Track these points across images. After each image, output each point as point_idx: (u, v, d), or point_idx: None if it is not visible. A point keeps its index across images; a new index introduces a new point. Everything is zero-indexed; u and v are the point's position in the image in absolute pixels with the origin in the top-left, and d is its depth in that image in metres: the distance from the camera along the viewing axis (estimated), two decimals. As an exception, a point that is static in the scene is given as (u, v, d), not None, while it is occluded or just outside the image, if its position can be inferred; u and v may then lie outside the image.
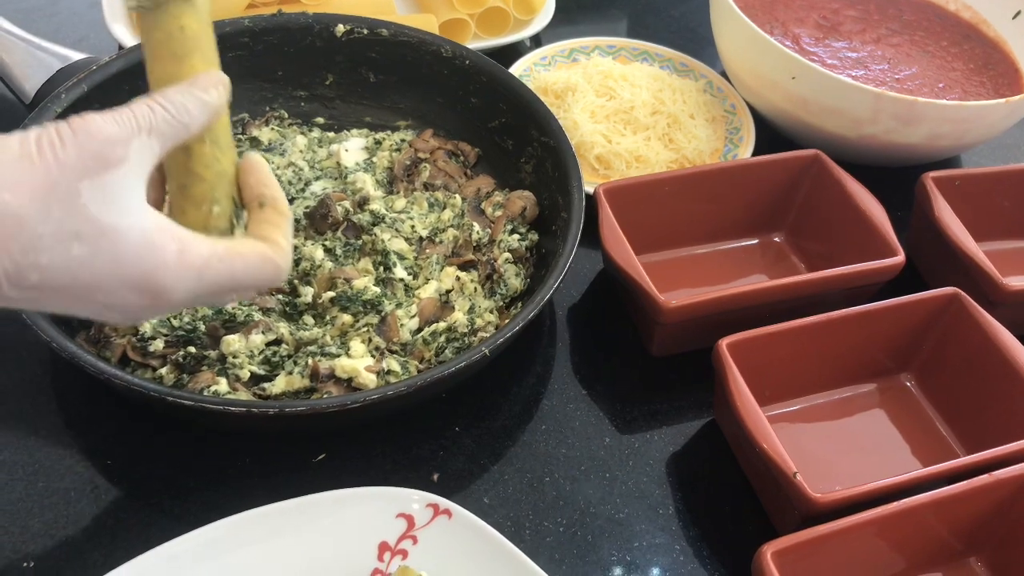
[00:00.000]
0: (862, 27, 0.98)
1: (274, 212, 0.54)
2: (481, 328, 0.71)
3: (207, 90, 0.51)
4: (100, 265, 0.45)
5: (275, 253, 0.52)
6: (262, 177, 0.55)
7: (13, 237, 0.43)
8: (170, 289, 0.47)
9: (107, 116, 0.46)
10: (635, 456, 0.69)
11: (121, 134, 0.46)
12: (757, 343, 0.67)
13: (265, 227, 0.53)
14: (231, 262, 0.50)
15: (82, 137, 0.44)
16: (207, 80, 0.51)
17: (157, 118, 0.48)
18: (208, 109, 0.51)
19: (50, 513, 0.62)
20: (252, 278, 0.51)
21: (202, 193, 0.53)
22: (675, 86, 0.94)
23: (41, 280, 0.44)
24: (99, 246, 0.45)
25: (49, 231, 0.43)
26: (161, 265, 0.47)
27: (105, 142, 0.45)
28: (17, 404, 0.67)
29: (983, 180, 0.83)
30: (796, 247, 0.84)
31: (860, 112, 0.83)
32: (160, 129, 0.48)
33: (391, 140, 0.85)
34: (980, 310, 0.70)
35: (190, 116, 0.50)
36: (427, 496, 0.59)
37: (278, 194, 0.55)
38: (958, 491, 0.60)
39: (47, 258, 0.44)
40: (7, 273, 0.43)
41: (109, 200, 0.45)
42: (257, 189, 0.54)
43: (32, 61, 0.82)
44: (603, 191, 0.76)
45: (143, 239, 0.46)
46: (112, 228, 0.45)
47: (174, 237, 0.48)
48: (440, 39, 0.85)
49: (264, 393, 0.65)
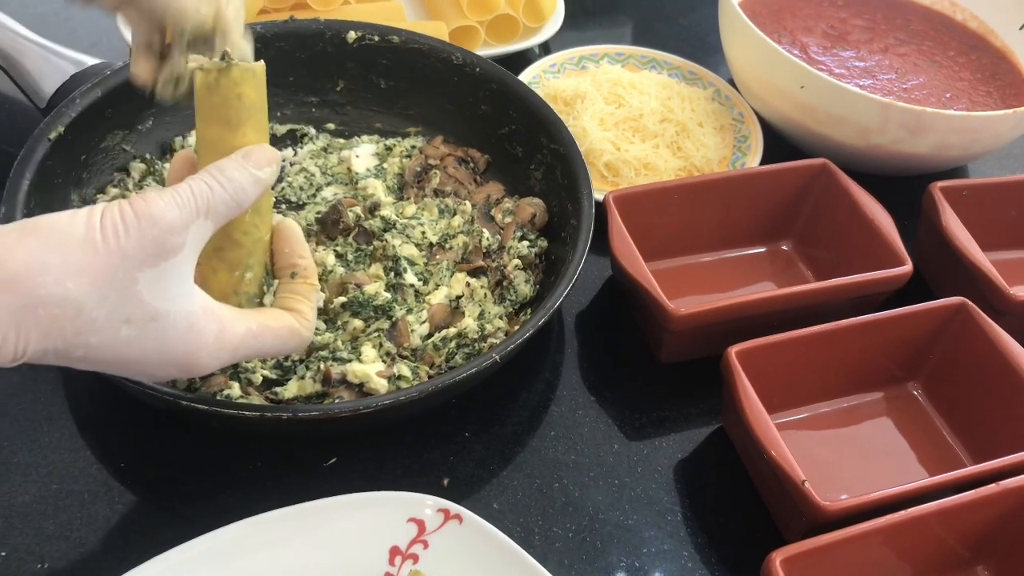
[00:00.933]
0: (870, 36, 0.99)
1: (304, 284, 0.57)
2: (491, 334, 0.71)
3: (262, 168, 0.52)
4: (145, 346, 0.47)
5: (302, 325, 0.55)
6: (296, 247, 0.57)
7: (69, 322, 0.44)
8: (206, 367, 0.51)
9: (168, 198, 0.47)
10: (644, 463, 0.70)
11: (181, 220, 0.47)
12: (765, 351, 0.67)
13: (295, 299, 0.56)
14: (262, 338, 0.53)
15: (145, 224, 0.46)
16: (262, 157, 0.52)
17: (215, 199, 0.49)
18: (261, 187, 0.52)
19: (64, 515, 0.62)
20: (278, 349, 0.55)
21: (237, 258, 0.54)
22: (684, 94, 0.95)
23: (85, 355, 0.46)
24: (146, 330, 0.47)
25: (103, 316, 0.45)
26: (203, 347, 0.49)
27: (167, 230, 0.46)
28: (31, 407, 0.68)
29: (990, 190, 0.84)
30: (804, 255, 0.84)
31: (868, 121, 0.84)
32: (217, 210, 0.49)
33: (402, 146, 0.85)
34: (987, 320, 0.71)
35: (245, 195, 0.51)
36: (438, 501, 0.59)
37: (309, 264, 0.57)
38: (965, 500, 0.60)
39: (96, 340, 0.46)
40: (56, 351, 0.45)
41: (163, 287, 0.47)
42: (291, 259, 0.57)
43: (46, 66, 0.83)
44: (612, 198, 0.77)
45: (188, 323, 0.48)
46: (161, 313, 0.47)
47: (215, 318, 0.50)
48: (450, 46, 0.86)
49: (276, 397, 0.65)
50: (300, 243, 0.57)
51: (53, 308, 0.44)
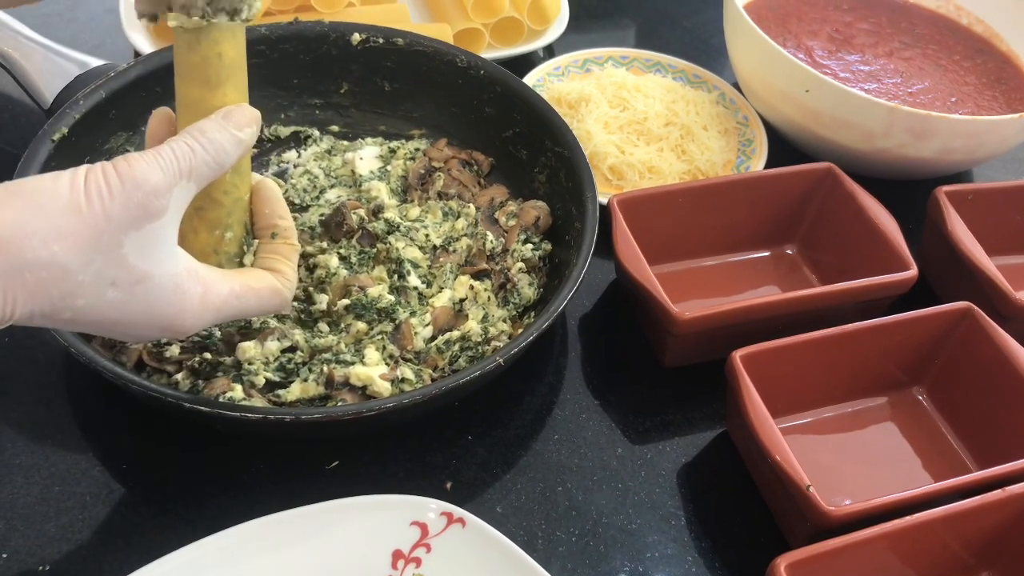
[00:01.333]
0: (875, 40, 0.99)
1: (284, 244, 0.57)
2: (495, 337, 0.71)
3: (242, 128, 0.52)
4: (131, 307, 0.48)
5: (283, 285, 0.56)
6: (276, 208, 0.57)
7: (55, 284, 0.45)
8: (191, 327, 0.51)
9: (151, 160, 0.47)
10: (647, 467, 0.69)
11: (165, 182, 0.47)
12: (770, 355, 0.67)
13: (275, 259, 0.57)
14: (245, 298, 0.54)
15: (129, 187, 0.46)
16: (242, 117, 0.52)
17: (197, 161, 0.49)
18: (242, 148, 0.52)
19: (65, 517, 0.62)
20: (260, 309, 0.55)
21: (217, 218, 0.54)
22: (688, 97, 0.95)
23: (73, 317, 0.47)
24: (133, 292, 0.47)
25: (89, 278, 0.46)
26: (187, 309, 0.50)
27: (150, 192, 0.47)
28: (33, 409, 0.68)
29: (995, 194, 0.84)
30: (808, 260, 0.84)
31: (873, 126, 0.83)
32: (199, 171, 0.50)
33: (405, 149, 0.85)
34: (992, 324, 0.70)
35: (226, 155, 0.51)
36: (441, 504, 0.59)
37: (289, 225, 0.58)
38: (970, 506, 0.60)
39: (83, 302, 0.46)
40: (43, 313, 0.45)
41: (147, 249, 0.47)
42: (271, 219, 0.57)
43: (50, 67, 0.83)
44: (616, 202, 0.76)
45: (173, 285, 0.49)
46: (147, 275, 0.48)
47: (200, 280, 0.51)
48: (455, 49, 0.86)
49: (279, 400, 0.65)
50: (280, 204, 0.58)
51: (40, 271, 0.44)
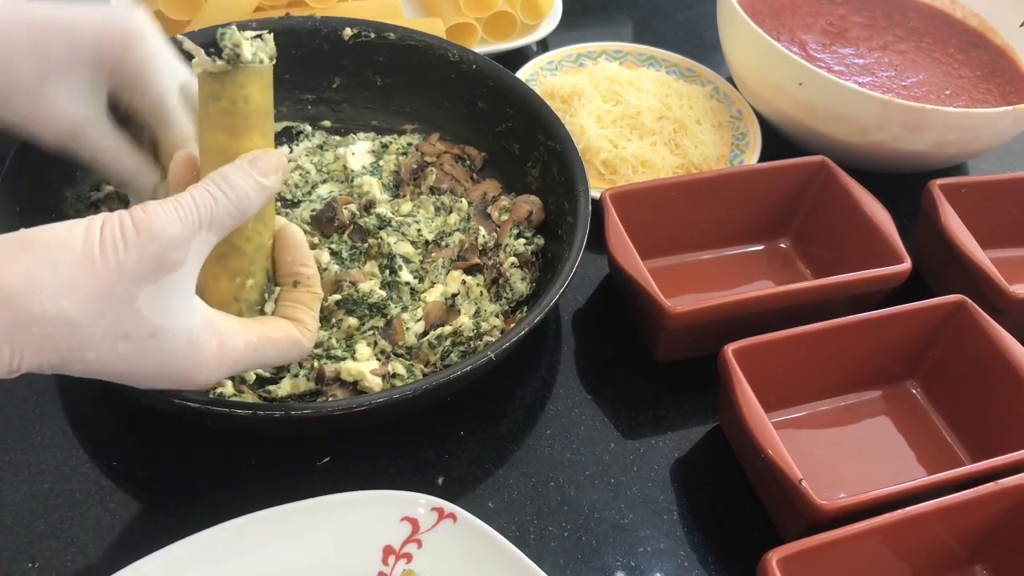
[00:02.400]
0: (869, 34, 0.98)
1: (307, 292, 0.55)
2: (487, 332, 0.71)
3: (267, 175, 0.50)
4: (144, 362, 0.47)
5: (304, 335, 0.54)
6: (299, 256, 0.55)
7: (64, 339, 0.44)
8: (205, 382, 0.50)
9: (170, 211, 0.45)
10: (640, 461, 0.69)
11: (183, 233, 0.45)
12: (763, 349, 0.67)
13: (297, 308, 0.55)
14: (263, 350, 0.52)
15: (145, 238, 0.44)
16: (268, 163, 0.50)
17: (219, 210, 0.47)
18: (266, 195, 0.50)
19: (55, 514, 0.62)
20: (279, 360, 0.54)
21: (239, 266, 0.53)
22: (682, 91, 0.94)
23: (82, 370, 0.46)
24: (145, 346, 0.46)
25: (99, 333, 0.44)
26: (202, 363, 0.48)
27: (167, 245, 0.45)
28: (23, 405, 0.68)
29: (990, 188, 0.83)
30: (802, 253, 0.84)
31: (867, 119, 0.83)
32: (220, 221, 0.48)
33: (398, 144, 0.85)
34: (986, 317, 0.70)
35: (250, 203, 0.49)
36: (432, 500, 0.59)
37: (312, 273, 0.55)
38: (964, 499, 0.60)
39: (93, 355, 0.45)
40: (52, 365, 0.45)
41: (163, 302, 0.46)
42: (293, 267, 0.55)
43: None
44: (609, 196, 0.76)
45: (188, 338, 0.47)
46: (160, 329, 0.46)
47: (216, 332, 0.49)
48: (447, 43, 0.85)
49: (269, 395, 0.65)
50: (304, 251, 0.56)
51: (47, 326, 0.43)
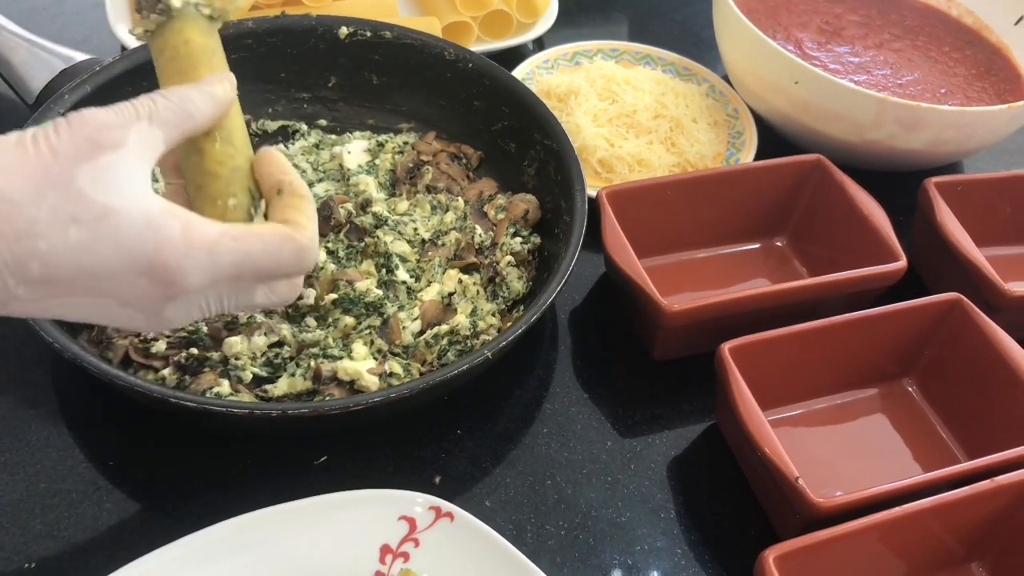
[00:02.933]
0: (864, 32, 0.99)
1: (293, 196, 0.52)
2: (483, 331, 0.71)
3: (212, 84, 0.50)
4: (101, 248, 0.44)
5: (297, 232, 0.50)
6: (278, 165, 0.53)
7: (6, 220, 0.42)
8: (179, 269, 0.45)
9: (104, 108, 0.46)
10: (637, 460, 0.69)
11: (118, 120, 0.45)
12: (759, 347, 0.67)
13: (286, 211, 0.51)
14: (246, 241, 0.48)
15: (76, 125, 0.44)
16: (212, 77, 0.51)
17: (158, 106, 0.47)
18: (214, 100, 0.50)
19: (52, 514, 0.62)
20: (273, 258, 0.49)
21: (217, 190, 0.52)
22: (678, 90, 0.94)
23: (43, 270, 0.43)
24: (98, 228, 0.44)
25: (44, 215, 0.43)
26: (166, 242, 0.45)
27: (100, 127, 0.45)
28: (19, 405, 0.67)
29: (985, 185, 0.84)
30: (798, 251, 0.84)
31: (863, 117, 0.83)
32: (163, 116, 0.47)
33: (394, 143, 0.85)
34: (982, 315, 0.70)
35: (194, 105, 0.49)
36: (429, 499, 0.59)
37: (296, 179, 0.53)
38: (960, 496, 0.60)
39: (45, 244, 0.43)
40: (7, 265, 0.43)
41: (107, 182, 0.44)
42: (274, 177, 0.53)
43: (35, 62, 0.82)
44: (605, 195, 0.76)
45: (144, 218, 0.45)
46: (111, 209, 0.44)
47: (178, 216, 0.46)
48: (443, 42, 0.85)
49: (266, 395, 0.65)
50: (281, 162, 0.54)
51: None
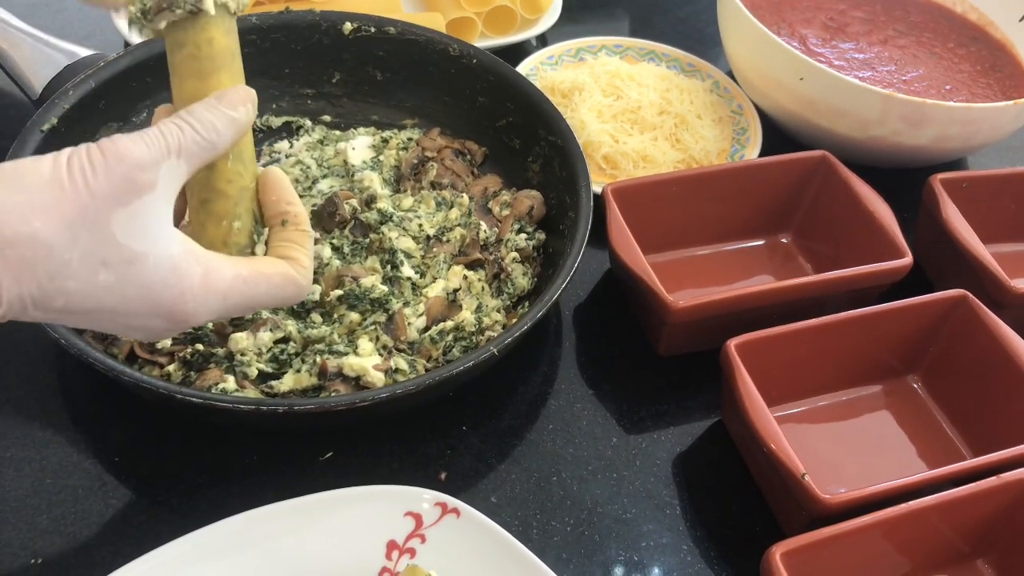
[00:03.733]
0: (869, 28, 0.98)
1: (296, 231, 0.54)
2: (488, 327, 0.71)
3: (235, 107, 0.50)
4: (126, 291, 0.46)
5: (298, 272, 0.53)
6: (284, 195, 0.55)
7: (41, 263, 0.43)
8: (194, 314, 0.48)
9: (136, 138, 0.46)
10: (642, 456, 0.69)
11: (151, 157, 0.46)
12: (765, 344, 0.67)
13: (288, 247, 0.54)
14: (255, 284, 0.51)
15: (112, 161, 0.44)
16: (235, 96, 0.51)
17: (187, 139, 0.48)
18: (236, 127, 0.51)
19: (58, 510, 0.62)
20: (274, 298, 0.52)
21: (224, 209, 0.53)
22: (682, 86, 0.94)
23: (66, 305, 0.45)
24: (126, 273, 0.45)
25: (77, 257, 0.44)
26: (188, 291, 0.47)
27: (135, 166, 0.45)
28: (24, 401, 0.67)
29: (990, 182, 0.83)
30: (803, 248, 0.84)
31: (868, 113, 0.83)
32: (189, 150, 0.48)
33: (398, 138, 0.85)
34: (987, 312, 0.70)
35: (218, 135, 0.49)
36: (435, 495, 0.59)
37: (300, 211, 0.55)
38: (965, 493, 0.60)
39: (73, 284, 0.44)
40: (33, 298, 0.43)
41: (137, 227, 0.45)
42: (279, 207, 0.55)
43: (39, 57, 0.82)
44: (611, 191, 0.76)
45: (170, 266, 0.46)
46: (140, 256, 0.45)
47: (199, 261, 0.48)
48: (447, 38, 0.85)
49: (272, 391, 0.65)
50: (287, 190, 0.55)
51: (22, 248, 0.42)
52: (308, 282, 0.54)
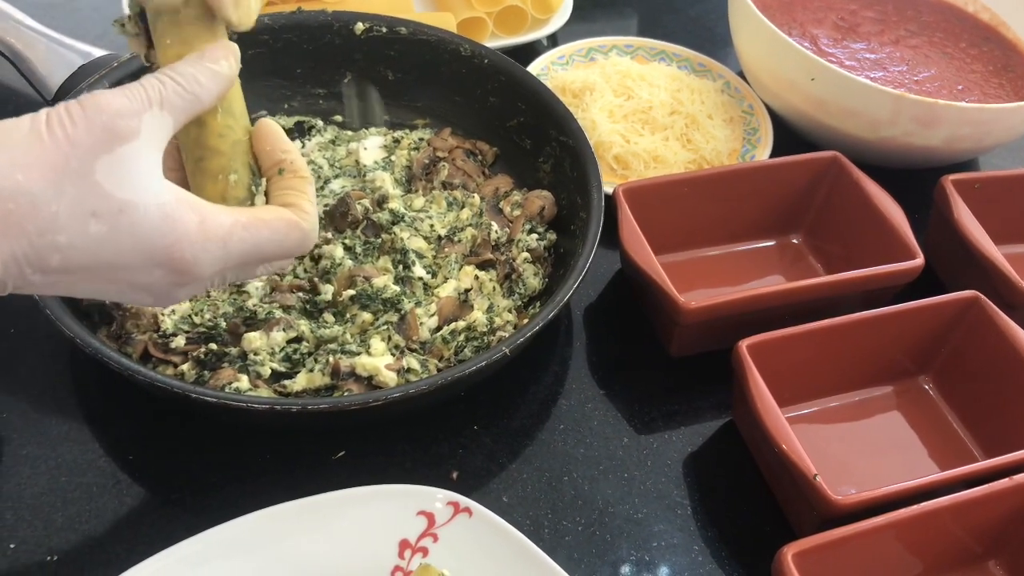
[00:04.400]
0: (880, 28, 0.98)
1: (294, 177, 0.53)
2: (500, 327, 0.71)
3: (217, 60, 0.50)
4: (120, 242, 0.45)
5: (300, 218, 0.52)
6: (278, 143, 0.54)
7: (28, 217, 0.42)
8: (195, 262, 0.47)
9: (116, 91, 0.46)
10: (653, 456, 0.69)
11: (131, 107, 0.45)
12: (776, 345, 0.67)
13: (288, 194, 0.53)
14: (256, 230, 0.49)
15: (91, 112, 0.44)
16: (216, 51, 0.50)
17: (168, 90, 0.47)
18: (220, 79, 0.50)
19: (73, 508, 0.62)
20: (279, 245, 0.51)
21: (218, 165, 0.52)
22: (693, 86, 0.94)
23: (63, 262, 0.44)
24: (117, 222, 0.44)
25: (64, 209, 0.43)
26: (183, 237, 0.46)
27: (115, 115, 0.44)
28: (40, 399, 0.68)
29: (1002, 183, 0.83)
30: (814, 249, 0.84)
31: (879, 114, 0.83)
32: (172, 101, 0.47)
33: (410, 139, 0.85)
34: (999, 313, 0.70)
35: (201, 87, 0.49)
36: (448, 494, 0.59)
37: (296, 158, 0.54)
38: (977, 495, 0.60)
39: (65, 238, 0.43)
40: (27, 257, 0.43)
41: (124, 175, 0.44)
42: (275, 156, 0.54)
43: (54, 57, 0.83)
44: (622, 191, 0.76)
45: (161, 212, 0.46)
46: (129, 204, 0.45)
47: (194, 208, 0.47)
48: (458, 38, 0.85)
49: (285, 390, 0.65)
50: (281, 138, 0.54)
51: (7, 203, 0.42)
52: (312, 227, 0.52)
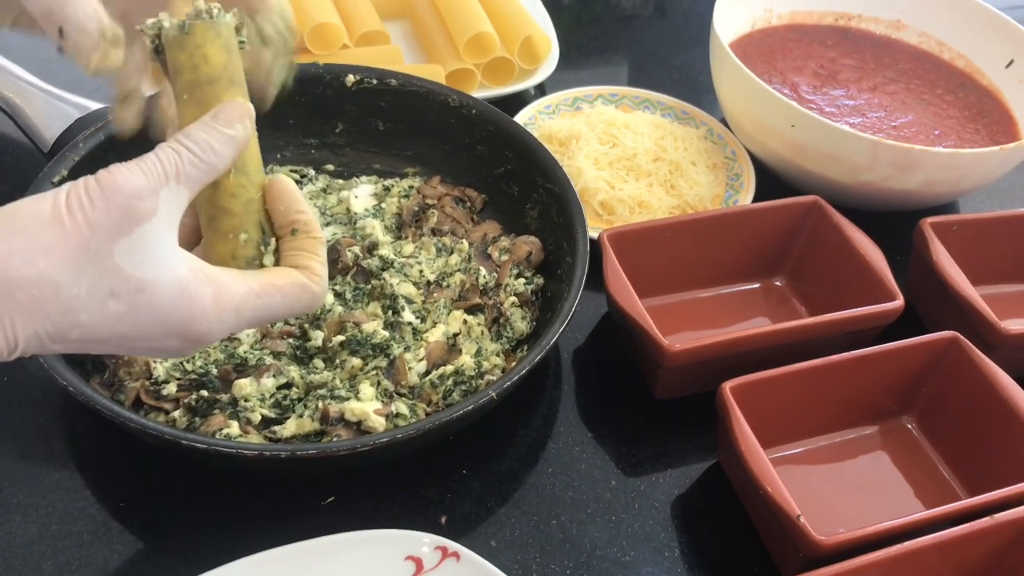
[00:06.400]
0: (859, 75, 1.01)
1: (307, 238, 0.53)
2: (488, 371, 0.72)
3: (232, 124, 0.50)
4: (138, 316, 0.46)
5: (312, 281, 0.52)
6: (293, 203, 0.54)
7: (50, 302, 0.44)
8: (208, 333, 0.48)
9: (133, 167, 0.46)
10: (641, 499, 0.70)
11: (149, 185, 0.46)
12: (760, 386, 0.68)
13: (300, 255, 0.53)
14: (269, 297, 0.50)
15: (109, 192, 0.45)
16: (231, 112, 0.50)
17: (184, 163, 0.47)
18: (234, 144, 0.50)
19: (63, 556, 0.62)
20: (290, 309, 0.52)
21: (230, 226, 0.52)
22: (676, 133, 0.96)
23: (82, 336, 0.45)
24: (135, 300, 0.46)
25: (84, 291, 0.44)
26: (199, 312, 0.47)
27: (133, 196, 0.45)
28: (31, 446, 0.68)
29: (980, 225, 0.85)
30: (797, 291, 0.85)
31: (858, 159, 0.85)
32: (188, 173, 0.48)
33: (400, 187, 0.87)
34: (979, 353, 0.71)
35: (216, 155, 0.49)
36: (435, 539, 0.60)
37: (310, 219, 0.54)
38: (960, 533, 0.61)
39: (85, 317, 0.45)
40: (48, 334, 0.44)
41: (141, 256, 0.46)
42: (288, 216, 0.54)
43: (51, 110, 0.84)
44: (607, 236, 0.78)
45: (178, 289, 0.47)
46: (146, 282, 0.46)
47: (209, 279, 0.48)
48: (447, 89, 0.87)
49: (275, 436, 0.66)
50: (296, 198, 0.54)
51: (30, 289, 0.43)
52: (323, 289, 0.53)
